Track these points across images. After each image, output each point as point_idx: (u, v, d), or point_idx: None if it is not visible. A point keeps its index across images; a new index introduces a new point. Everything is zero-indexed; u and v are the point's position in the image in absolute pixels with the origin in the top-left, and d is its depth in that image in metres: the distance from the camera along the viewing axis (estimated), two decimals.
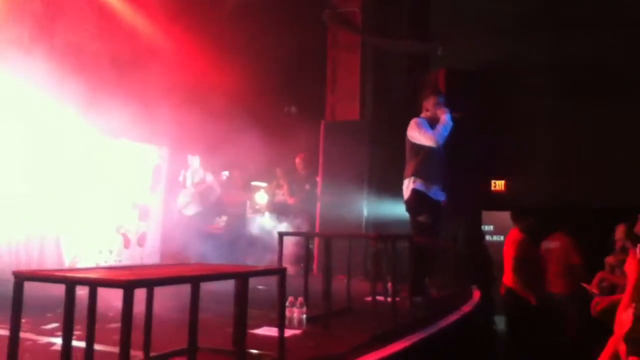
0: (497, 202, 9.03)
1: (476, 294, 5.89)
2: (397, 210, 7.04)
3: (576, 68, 8.66)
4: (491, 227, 9.22)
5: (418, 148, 5.03)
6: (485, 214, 9.13)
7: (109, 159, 6.27)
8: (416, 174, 5.00)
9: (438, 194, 5.09)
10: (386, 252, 5.00)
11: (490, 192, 9.59)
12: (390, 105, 8.24)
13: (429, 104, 5.19)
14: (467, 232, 7.98)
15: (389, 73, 8.53)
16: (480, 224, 9.17)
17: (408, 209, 5.13)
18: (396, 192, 5.48)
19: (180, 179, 7.87)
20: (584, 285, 5.17)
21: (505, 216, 7.05)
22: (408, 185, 5.07)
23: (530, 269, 6.01)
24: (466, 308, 5.06)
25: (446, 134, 5.00)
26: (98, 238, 6.12)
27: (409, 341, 3.64)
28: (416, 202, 5.01)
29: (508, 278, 6.06)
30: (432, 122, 5.09)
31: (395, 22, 8.64)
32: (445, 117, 5.01)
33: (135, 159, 6.73)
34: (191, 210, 7.74)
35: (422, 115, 5.21)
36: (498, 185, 9.60)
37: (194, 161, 7.93)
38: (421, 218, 4.99)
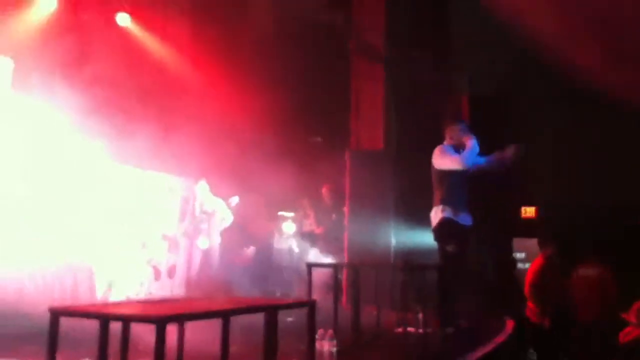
0: (527, 228, 8.88)
1: (509, 324, 5.76)
2: (425, 239, 6.99)
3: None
4: (523, 255, 9.04)
5: (443, 175, 5.01)
6: (518, 242, 8.98)
7: (138, 191, 6.38)
8: (444, 202, 4.97)
9: (466, 219, 5.05)
10: (415, 281, 4.96)
11: (520, 218, 9.44)
12: (415, 132, 8.25)
13: (452, 132, 5.19)
14: (497, 259, 7.86)
15: (412, 100, 8.56)
16: (511, 251, 9.01)
17: (436, 238, 5.09)
18: (424, 220, 5.45)
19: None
20: (623, 315, 5.03)
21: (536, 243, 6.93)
22: (436, 214, 5.03)
23: (548, 295, 5.90)
24: (499, 339, 4.95)
25: (473, 158, 4.98)
26: (129, 270, 6.19)
27: None
28: (444, 230, 4.96)
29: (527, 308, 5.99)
30: (458, 149, 5.08)
31: (420, 49, 8.69)
32: (471, 143, 4.99)
33: (163, 190, 6.84)
34: (204, 244, 7.49)
35: (446, 142, 5.20)
36: (528, 212, 9.45)
37: (201, 187, 7.50)
38: (449, 247, 4.94)
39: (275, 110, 7.85)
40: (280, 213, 9.91)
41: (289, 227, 9.91)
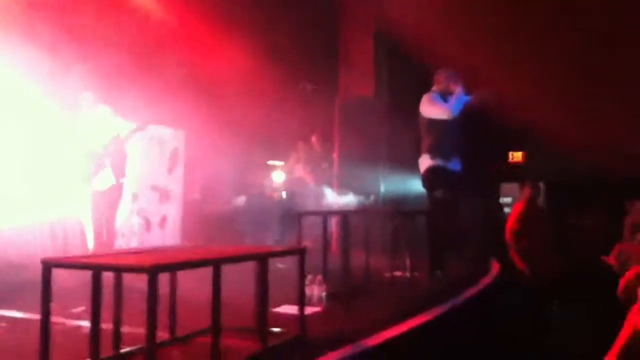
0: (514, 173, 8.98)
1: (495, 267, 5.91)
2: (414, 185, 7.07)
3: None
4: (509, 199, 9.17)
5: (432, 123, 5.03)
6: (505, 187, 9.10)
7: (128, 143, 6.33)
8: (432, 151, 5.01)
9: (456, 165, 5.10)
10: (404, 227, 5.05)
11: (508, 163, 9.52)
12: (406, 79, 8.19)
13: (440, 77, 5.17)
14: (484, 204, 7.96)
15: (402, 48, 8.46)
16: (498, 196, 9.14)
17: (424, 185, 5.15)
18: (413, 167, 5.50)
19: None
20: (602, 257, 5.16)
21: None
22: (424, 161, 5.08)
23: (529, 242, 5.96)
24: (485, 281, 5.09)
25: (460, 106, 5.00)
26: (120, 222, 6.22)
27: (429, 315, 3.68)
28: (432, 178, 5.03)
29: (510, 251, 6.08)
30: (445, 96, 5.07)
31: None
32: (458, 90, 5.01)
33: (153, 142, 6.80)
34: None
35: (434, 88, 5.19)
36: (515, 156, 9.52)
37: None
38: (437, 193, 5.01)
39: (265, 58, 7.72)
40: (269, 162, 9.92)
41: (278, 176, 9.94)
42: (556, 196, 8.18)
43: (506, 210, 8.74)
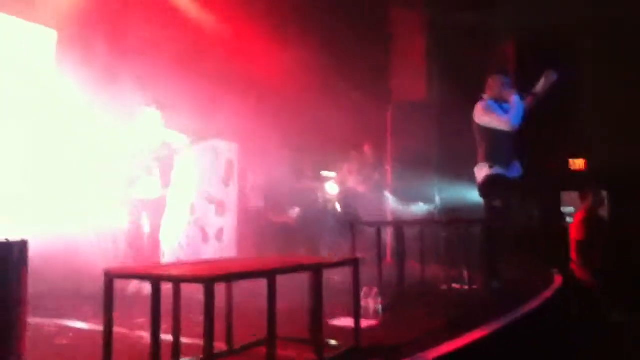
0: (577, 181, 8.66)
1: (557, 280, 5.70)
2: (469, 194, 6.92)
3: None
4: (572, 209, 8.85)
5: (487, 131, 4.90)
6: (566, 195, 8.78)
7: (185, 156, 6.50)
8: (490, 159, 4.88)
9: (515, 171, 4.95)
10: (459, 237, 4.95)
11: (570, 171, 9.19)
12: (459, 82, 8.05)
13: (494, 84, 5.03)
14: (545, 213, 7.71)
15: (455, 50, 8.32)
16: (559, 205, 8.83)
17: (482, 194, 5.02)
18: (468, 175, 5.38)
19: None
20: None
21: None
22: (481, 170, 4.95)
23: (595, 252, 5.74)
24: (546, 294, 4.91)
25: (520, 115, 4.83)
26: (179, 233, 6.37)
27: (486, 329, 3.58)
28: (491, 186, 4.89)
29: (572, 262, 5.87)
30: (499, 102, 4.95)
31: None
32: (514, 99, 4.85)
33: (208, 154, 6.94)
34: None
35: (486, 95, 5.05)
36: (577, 164, 9.19)
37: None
38: (496, 203, 4.87)
39: (316, 68, 7.78)
40: (323, 173, 9.95)
41: (332, 187, 9.96)
42: (621, 204, 7.84)
43: (568, 220, 8.44)
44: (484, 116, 4.91)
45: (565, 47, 8.11)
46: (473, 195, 5.57)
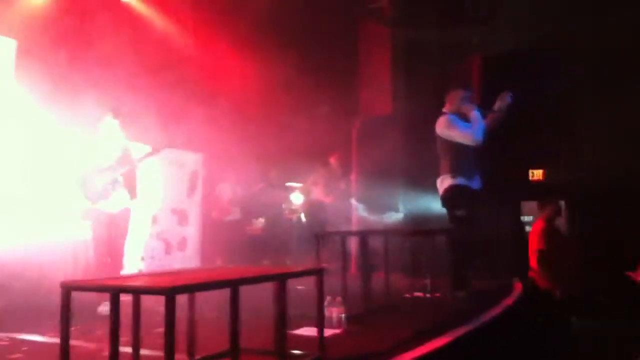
0: (535, 191, 8.86)
1: (518, 287, 5.81)
2: (433, 204, 7.01)
3: (620, 52, 8.27)
4: (531, 218, 9.05)
5: (450, 144, 4.97)
6: (526, 205, 8.98)
7: (147, 166, 6.41)
8: (452, 171, 4.95)
9: (477, 184, 5.04)
10: (424, 247, 5.00)
11: (528, 181, 9.40)
12: (424, 97, 8.18)
13: (454, 98, 5.11)
14: (505, 222, 7.87)
15: (421, 65, 8.44)
16: (519, 215, 9.01)
17: (445, 204, 5.09)
18: (431, 186, 5.46)
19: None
20: (629, 274, 5.05)
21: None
22: (443, 181, 5.02)
23: (556, 261, 5.87)
24: (508, 301, 5.00)
25: (482, 129, 4.93)
26: (140, 244, 6.27)
27: (451, 336, 3.62)
28: (454, 196, 4.96)
29: (532, 271, 5.99)
30: (459, 116, 5.02)
31: (426, 11, 8.51)
32: (474, 114, 4.94)
33: (173, 166, 6.87)
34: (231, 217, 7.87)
35: (445, 109, 5.13)
36: (536, 174, 9.41)
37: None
38: (459, 212, 4.94)
39: (281, 81, 7.80)
40: (288, 184, 9.93)
41: (297, 197, 9.97)
42: (579, 213, 8.05)
43: (527, 229, 8.63)
44: (447, 130, 4.98)
45: (531, 63, 8.33)
46: (437, 206, 5.64)
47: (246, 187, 7.99)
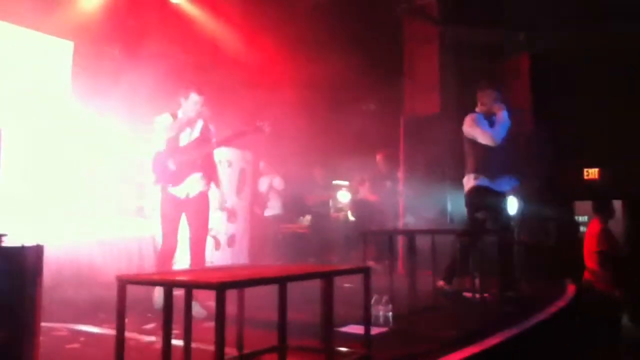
0: (590, 191, 8.57)
1: (570, 289, 5.65)
2: None
3: None
4: (585, 218, 8.77)
5: (475, 143, 5.01)
6: (580, 205, 8.70)
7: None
8: (477, 170, 4.98)
9: (503, 185, 5.04)
10: (473, 247, 4.93)
11: (583, 180, 9.11)
12: (471, 95, 8.05)
13: (484, 98, 5.14)
14: (559, 223, 7.66)
15: (468, 62, 8.32)
16: (572, 215, 8.75)
17: (467, 204, 5.12)
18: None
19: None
20: None
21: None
22: (468, 181, 5.07)
23: (611, 260, 5.70)
24: (559, 304, 4.87)
25: (504, 133, 4.96)
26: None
27: (499, 338, 3.56)
28: (476, 198, 4.99)
29: (589, 272, 5.81)
30: (488, 116, 5.05)
31: (474, 9, 8.39)
32: (502, 115, 4.97)
33: (222, 164, 6.99)
34: (269, 212, 7.96)
35: (478, 109, 5.16)
36: (591, 173, 9.10)
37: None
38: (479, 214, 4.97)
39: (329, 79, 7.82)
40: (335, 182, 9.96)
41: (344, 195, 9.99)
42: (636, 215, 7.75)
43: (581, 229, 8.36)
44: (470, 128, 5.04)
45: (579, 62, 8.09)
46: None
47: (289, 183, 8.05)
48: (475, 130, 4.98)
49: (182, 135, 4.50)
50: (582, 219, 8.51)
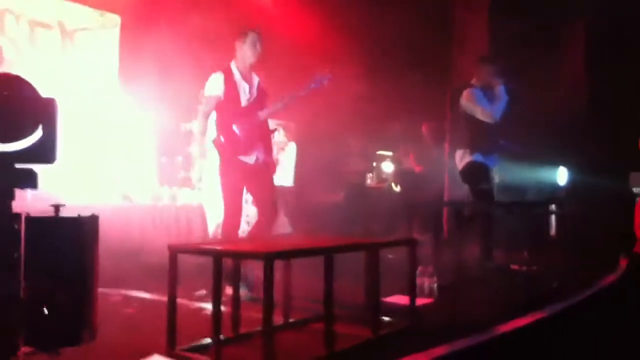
0: None
1: (622, 263, 5.50)
2: (530, 174, 6.74)
3: None
4: None
5: (472, 118, 5.02)
6: (636, 176, 8.38)
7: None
8: (472, 146, 5.03)
9: (492, 162, 5.14)
10: (521, 219, 4.86)
11: (638, 150, 8.76)
12: (522, 64, 7.79)
13: (482, 72, 5.13)
14: (614, 195, 7.43)
15: (520, 30, 8.05)
16: (628, 186, 8.44)
17: (466, 180, 5.20)
18: (528, 154, 5.35)
19: None
20: None
21: None
22: (463, 157, 5.12)
23: None
24: (610, 278, 4.76)
25: (503, 108, 4.99)
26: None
27: (545, 312, 3.52)
28: (474, 173, 5.07)
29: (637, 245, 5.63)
30: (486, 91, 5.04)
31: None
32: (499, 90, 4.98)
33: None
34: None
35: (474, 81, 5.15)
36: None
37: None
38: (483, 185, 5.04)
39: (374, 47, 7.70)
40: (379, 152, 9.88)
41: (387, 166, 9.91)
42: None
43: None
44: (469, 103, 5.05)
45: (636, 27, 7.70)
46: (534, 176, 5.46)
47: (324, 151, 7.95)
48: (474, 106, 5.02)
49: (241, 94, 4.12)
50: (638, 190, 8.20)
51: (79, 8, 5.42)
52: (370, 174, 9.33)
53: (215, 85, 4.10)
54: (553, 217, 6.12)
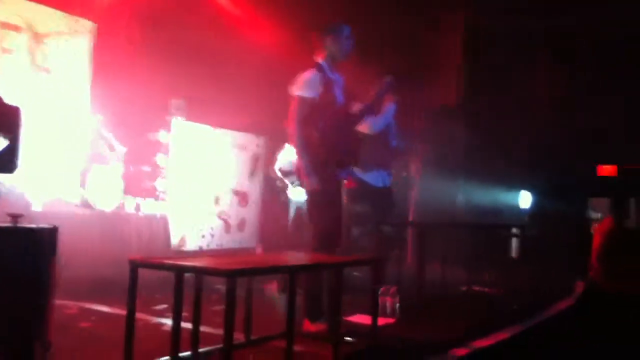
0: (606, 188, 8.48)
1: (579, 287, 5.62)
2: (494, 197, 6.87)
3: None
4: (599, 215, 8.69)
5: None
6: (596, 202, 8.61)
7: (211, 148, 6.59)
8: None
9: (376, 179, 4.90)
10: (484, 240, 4.93)
11: (597, 177, 9.02)
12: (492, 88, 7.96)
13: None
14: (572, 220, 7.61)
15: (489, 54, 8.24)
16: (586, 211, 8.67)
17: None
18: (494, 179, 5.38)
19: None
20: None
21: None
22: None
23: (615, 259, 5.62)
24: (567, 302, 4.86)
25: (384, 123, 4.77)
26: (201, 222, 6.46)
27: (505, 333, 3.57)
28: (352, 191, 4.82)
29: (593, 270, 5.76)
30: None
31: None
32: (389, 105, 4.77)
33: (235, 148, 7.01)
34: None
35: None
36: (606, 170, 9.00)
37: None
38: (358, 207, 4.85)
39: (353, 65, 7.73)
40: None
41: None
42: None
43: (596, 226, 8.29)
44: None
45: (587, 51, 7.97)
46: (498, 198, 5.54)
47: None
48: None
49: (337, 95, 3.65)
50: (595, 215, 8.43)
51: (50, 12, 5.32)
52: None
53: (311, 85, 3.58)
54: (514, 240, 6.23)
